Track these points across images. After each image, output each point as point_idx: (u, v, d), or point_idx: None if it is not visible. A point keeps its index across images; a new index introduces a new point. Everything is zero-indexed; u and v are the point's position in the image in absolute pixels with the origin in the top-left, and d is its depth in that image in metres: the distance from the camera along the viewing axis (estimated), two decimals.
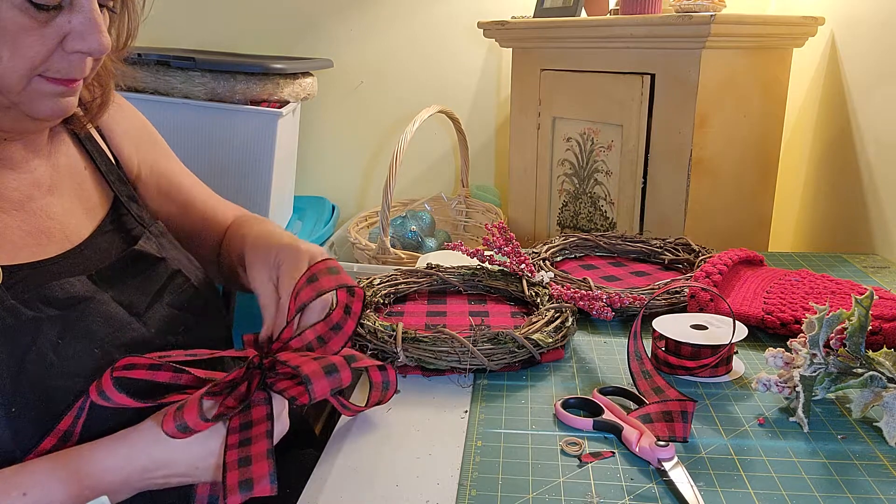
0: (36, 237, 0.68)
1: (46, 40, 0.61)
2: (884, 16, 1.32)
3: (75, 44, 0.63)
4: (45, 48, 0.62)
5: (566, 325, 0.88)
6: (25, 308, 0.62)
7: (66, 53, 0.63)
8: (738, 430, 0.71)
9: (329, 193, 2.32)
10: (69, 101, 0.67)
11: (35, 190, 0.71)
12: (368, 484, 0.65)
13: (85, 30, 0.62)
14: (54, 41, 0.62)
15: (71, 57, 0.63)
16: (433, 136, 2.22)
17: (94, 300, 0.67)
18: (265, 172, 1.83)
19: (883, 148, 1.33)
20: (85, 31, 0.62)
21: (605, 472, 0.65)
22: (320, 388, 0.61)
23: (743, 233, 1.52)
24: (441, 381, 0.82)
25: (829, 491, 0.62)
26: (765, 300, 0.95)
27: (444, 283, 1.07)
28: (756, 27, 1.37)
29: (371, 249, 1.76)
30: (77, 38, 0.62)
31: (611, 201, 1.58)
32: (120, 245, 0.76)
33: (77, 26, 0.62)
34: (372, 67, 2.21)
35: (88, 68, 0.67)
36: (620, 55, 1.48)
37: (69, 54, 0.63)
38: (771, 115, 1.49)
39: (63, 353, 0.62)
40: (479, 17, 1.82)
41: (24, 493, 0.55)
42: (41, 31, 0.61)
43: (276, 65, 1.79)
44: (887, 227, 1.30)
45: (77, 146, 0.79)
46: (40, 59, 0.62)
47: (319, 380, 0.61)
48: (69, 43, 0.62)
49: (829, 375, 0.73)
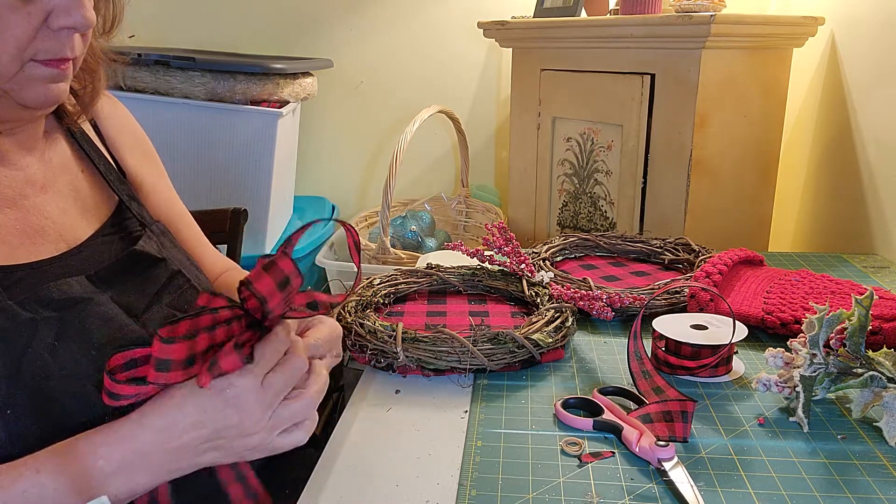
0: (30, 236, 0.68)
1: (31, 18, 0.62)
2: (884, 16, 1.32)
3: (60, 20, 0.63)
4: (31, 26, 0.62)
5: (566, 325, 0.88)
6: (22, 309, 0.61)
7: (53, 32, 0.64)
8: (738, 430, 0.71)
9: (329, 193, 2.33)
10: (61, 87, 0.68)
11: (28, 188, 0.71)
12: (368, 484, 0.65)
13: (69, 4, 0.63)
14: (39, 18, 0.62)
15: (58, 34, 0.64)
16: (433, 136, 2.22)
17: (92, 301, 0.66)
18: (265, 172, 1.83)
19: (883, 148, 1.33)
20: (69, 6, 0.63)
21: (605, 472, 0.65)
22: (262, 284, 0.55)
23: (743, 233, 1.52)
24: (441, 381, 0.82)
25: (829, 491, 0.62)
26: (765, 300, 0.95)
27: (444, 283, 1.07)
28: (756, 27, 1.37)
29: (371, 249, 1.76)
30: (62, 14, 0.63)
31: (611, 201, 1.58)
32: (120, 246, 0.76)
33: (60, 2, 0.63)
34: (372, 67, 2.22)
35: (77, 47, 0.67)
36: (620, 55, 1.48)
37: (55, 32, 0.64)
38: (771, 115, 1.49)
39: (60, 355, 0.62)
40: (479, 17, 1.82)
41: (24, 492, 0.55)
42: (25, 9, 0.61)
43: (276, 65, 1.80)
44: (887, 227, 1.30)
45: (73, 147, 0.79)
46: (27, 38, 0.62)
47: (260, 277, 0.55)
48: (54, 20, 0.63)
49: (829, 375, 0.73)
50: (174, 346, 0.54)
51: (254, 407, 0.57)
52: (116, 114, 0.86)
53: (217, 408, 0.56)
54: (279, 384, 0.58)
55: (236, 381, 0.56)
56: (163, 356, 0.54)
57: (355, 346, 0.86)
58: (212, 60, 1.78)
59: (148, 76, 1.78)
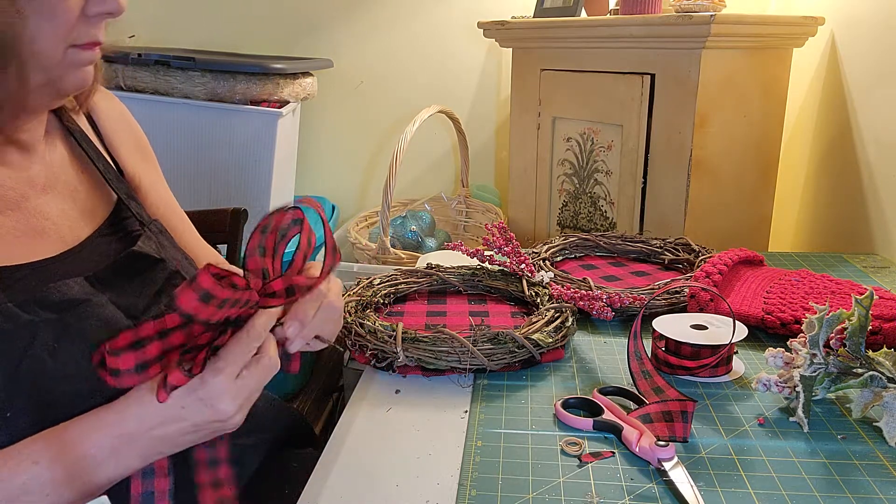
0: (31, 237, 0.68)
1: (72, 6, 0.65)
2: (884, 16, 1.32)
3: (97, 6, 0.66)
4: (73, 15, 0.65)
5: (566, 325, 0.88)
6: (21, 311, 0.61)
7: (88, 18, 0.66)
8: (738, 430, 0.71)
9: (329, 193, 2.32)
10: (90, 70, 0.71)
11: (30, 189, 0.71)
12: (368, 484, 0.65)
13: None
14: (79, 6, 0.65)
15: (92, 20, 0.67)
16: (433, 136, 2.22)
17: (91, 303, 0.66)
18: (265, 172, 1.83)
19: (883, 148, 1.33)
20: None
21: (605, 472, 0.65)
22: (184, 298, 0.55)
23: (743, 233, 1.52)
24: (441, 381, 0.82)
25: (829, 491, 0.62)
26: (765, 300, 0.95)
27: (444, 283, 1.07)
28: (756, 27, 1.37)
29: (371, 249, 1.76)
30: (99, 1, 0.66)
31: (611, 201, 1.58)
32: (119, 246, 0.76)
33: None
34: (372, 67, 2.21)
35: (103, 32, 0.70)
36: (620, 55, 1.48)
37: (90, 18, 0.67)
38: (771, 115, 1.49)
39: (59, 357, 0.62)
40: (479, 17, 1.82)
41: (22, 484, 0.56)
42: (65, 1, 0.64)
43: (276, 65, 1.80)
44: (887, 227, 1.30)
45: (72, 146, 0.79)
46: (69, 26, 0.65)
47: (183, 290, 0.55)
48: (92, 6, 0.66)
49: (829, 375, 0.73)
50: (120, 357, 0.56)
51: (228, 404, 0.59)
52: (114, 111, 0.86)
53: (193, 405, 0.59)
54: (252, 384, 0.60)
55: (209, 380, 0.58)
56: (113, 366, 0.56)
57: (355, 346, 0.86)
58: (212, 60, 1.78)
59: (148, 76, 1.78)
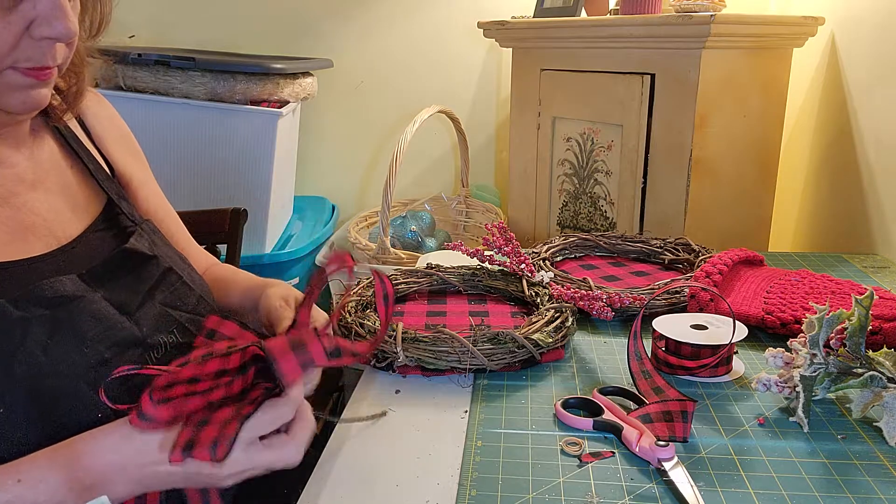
0: (21, 234, 0.68)
1: (12, 27, 0.61)
2: (884, 16, 1.32)
3: (42, 30, 0.62)
4: (12, 35, 0.61)
5: (566, 325, 0.88)
6: (14, 308, 0.61)
7: (34, 41, 0.63)
8: (738, 430, 0.71)
9: (329, 193, 2.32)
10: (42, 93, 0.67)
11: (18, 185, 0.71)
12: (368, 484, 0.65)
13: (51, 14, 0.62)
14: (20, 27, 0.62)
15: (40, 44, 0.63)
16: (433, 136, 2.22)
17: (85, 299, 0.66)
18: (265, 172, 1.83)
19: (883, 148, 1.33)
20: (51, 16, 0.62)
21: (605, 472, 0.65)
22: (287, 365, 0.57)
23: (743, 233, 1.52)
24: (441, 381, 0.82)
25: (829, 491, 0.62)
26: (765, 300, 0.95)
27: (444, 283, 1.07)
28: (756, 27, 1.37)
29: (371, 249, 1.76)
30: (43, 24, 0.62)
31: (611, 201, 1.58)
32: (112, 243, 0.76)
33: (42, 11, 0.62)
34: (372, 67, 2.21)
35: (60, 56, 0.66)
36: (620, 55, 1.48)
37: (37, 41, 0.63)
38: (771, 115, 1.49)
39: (52, 353, 0.62)
40: (479, 17, 1.82)
41: (19, 480, 0.55)
42: (6, 17, 0.61)
43: (276, 65, 1.79)
44: (887, 227, 1.30)
45: (61, 145, 0.79)
46: (8, 47, 0.61)
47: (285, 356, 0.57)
48: (36, 29, 0.62)
49: (829, 375, 0.73)
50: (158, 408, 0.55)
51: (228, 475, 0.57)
52: (103, 112, 0.86)
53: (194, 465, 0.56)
54: (261, 462, 0.58)
55: None
56: (147, 412, 0.55)
57: None
58: (212, 60, 1.78)
59: (148, 76, 1.78)
